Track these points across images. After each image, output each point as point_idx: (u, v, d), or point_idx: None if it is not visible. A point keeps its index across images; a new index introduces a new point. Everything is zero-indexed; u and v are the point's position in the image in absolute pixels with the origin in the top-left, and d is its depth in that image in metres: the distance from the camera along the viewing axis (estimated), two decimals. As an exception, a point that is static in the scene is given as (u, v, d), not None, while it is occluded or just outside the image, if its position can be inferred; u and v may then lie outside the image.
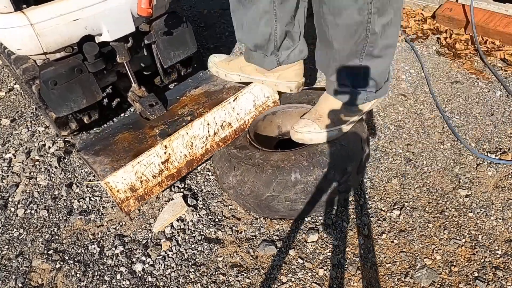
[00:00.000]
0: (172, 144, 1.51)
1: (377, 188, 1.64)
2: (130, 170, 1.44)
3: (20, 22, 1.39)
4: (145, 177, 1.48)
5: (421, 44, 2.39)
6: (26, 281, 1.44)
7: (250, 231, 1.54)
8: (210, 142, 1.61)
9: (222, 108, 1.61)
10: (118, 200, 1.44)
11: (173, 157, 1.53)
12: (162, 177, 1.53)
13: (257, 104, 1.71)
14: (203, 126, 1.58)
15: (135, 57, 1.80)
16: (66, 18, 1.45)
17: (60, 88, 1.57)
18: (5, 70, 2.54)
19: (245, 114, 1.69)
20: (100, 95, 1.69)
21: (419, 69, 2.22)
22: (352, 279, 1.36)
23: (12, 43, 1.45)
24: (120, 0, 1.52)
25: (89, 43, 1.55)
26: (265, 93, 1.71)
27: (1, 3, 1.37)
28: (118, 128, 1.65)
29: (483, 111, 1.92)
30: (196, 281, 1.40)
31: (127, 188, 1.45)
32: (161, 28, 1.76)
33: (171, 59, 1.86)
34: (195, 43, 1.90)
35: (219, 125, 1.62)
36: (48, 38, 1.45)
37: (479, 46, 2.24)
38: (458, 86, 2.08)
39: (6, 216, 1.67)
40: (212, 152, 1.64)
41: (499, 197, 1.55)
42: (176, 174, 1.57)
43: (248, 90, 1.67)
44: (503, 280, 1.31)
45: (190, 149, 1.57)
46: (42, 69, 1.54)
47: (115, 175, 1.41)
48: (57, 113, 1.62)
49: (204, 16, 2.96)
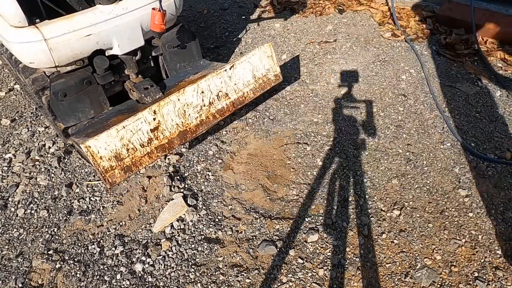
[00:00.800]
0: (162, 110, 1.41)
1: (377, 188, 1.64)
2: (115, 135, 1.32)
3: (34, 37, 1.40)
4: (132, 145, 1.38)
5: (421, 44, 2.39)
6: (26, 281, 1.44)
7: (250, 231, 1.54)
8: (205, 112, 1.53)
9: (217, 75, 1.52)
10: (102, 169, 1.33)
11: (163, 125, 1.44)
12: (151, 147, 1.43)
13: (256, 76, 1.63)
14: (197, 94, 1.49)
15: (141, 67, 1.82)
16: (79, 33, 1.47)
17: (70, 99, 1.58)
18: (5, 70, 2.54)
19: (244, 86, 1.61)
20: (108, 106, 1.71)
21: (419, 69, 2.22)
22: (352, 279, 1.36)
23: (25, 57, 1.46)
24: (131, 16, 1.54)
25: (99, 57, 1.58)
26: (265, 64, 1.64)
27: (16, 18, 1.38)
28: (113, 114, 1.64)
29: (483, 111, 1.92)
30: (196, 281, 1.40)
31: (111, 156, 1.34)
32: (169, 41, 1.79)
33: (177, 70, 1.88)
34: (201, 55, 1.94)
35: (215, 94, 1.54)
36: (60, 53, 1.47)
37: (479, 46, 2.24)
38: (458, 86, 2.08)
39: (6, 216, 1.67)
40: (208, 124, 1.55)
41: (499, 197, 1.55)
42: (168, 145, 1.47)
43: (246, 59, 1.59)
44: (503, 280, 1.31)
45: (183, 118, 1.48)
46: (53, 81, 1.56)
47: (97, 138, 1.29)
48: (65, 123, 1.64)
49: (204, 16, 2.96)
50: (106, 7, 1.49)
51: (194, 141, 1.91)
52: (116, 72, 1.70)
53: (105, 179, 1.35)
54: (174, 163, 1.81)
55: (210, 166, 1.80)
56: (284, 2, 3.00)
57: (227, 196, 1.67)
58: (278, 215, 1.59)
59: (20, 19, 1.38)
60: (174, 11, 1.69)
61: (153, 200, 1.68)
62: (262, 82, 1.66)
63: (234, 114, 1.97)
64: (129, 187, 1.73)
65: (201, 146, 1.89)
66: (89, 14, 1.48)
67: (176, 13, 1.72)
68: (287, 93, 2.15)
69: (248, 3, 3.07)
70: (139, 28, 1.59)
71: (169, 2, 1.64)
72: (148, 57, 1.83)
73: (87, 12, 1.49)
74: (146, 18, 1.55)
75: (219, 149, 1.87)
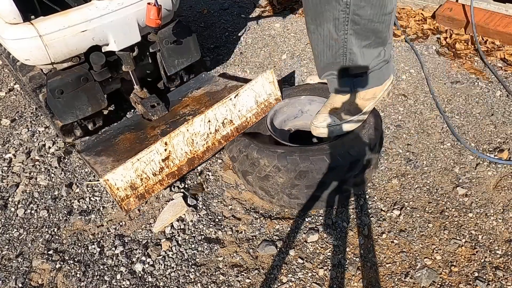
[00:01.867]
0: (172, 141, 1.50)
1: (377, 188, 1.64)
2: (130, 167, 1.42)
3: (29, 34, 1.40)
4: (145, 175, 1.47)
5: (421, 44, 2.39)
6: (26, 281, 1.44)
7: (250, 231, 1.54)
8: (211, 139, 1.60)
9: (223, 104, 1.59)
10: (118, 198, 1.43)
11: (173, 154, 1.52)
12: (162, 175, 1.52)
13: (258, 101, 1.70)
14: (204, 123, 1.56)
15: (139, 64, 1.82)
16: (74, 29, 1.46)
17: (66, 96, 1.58)
18: (5, 70, 2.54)
19: (247, 111, 1.67)
20: (105, 103, 1.70)
21: (419, 69, 2.22)
22: (352, 279, 1.36)
23: (21, 54, 1.45)
24: (127, 11, 1.53)
25: (96, 53, 1.57)
26: (267, 90, 1.70)
27: (10, 14, 1.37)
28: (120, 130, 1.65)
29: (483, 111, 1.92)
30: (196, 281, 1.40)
31: (127, 186, 1.43)
32: (166, 37, 1.78)
33: (175, 67, 1.88)
34: (199, 51, 1.93)
35: (220, 122, 1.60)
36: (56, 49, 1.46)
37: (479, 46, 2.24)
38: (458, 86, 2.08)
39: (6, 216, 1.67)
40: (214, 149, 1.63)
41: (499, 197, 1.55)
42: (177, 172, 1.56)
43: (249, 86, 1.66)
44: (503, 280, 1.31)
45: (191, 146, 1.56)
46: (49, 79, 1.55)
47: (114, 172, 1.39)
48: (63, 121, 1.63)
49: (204, 16, 2.96)
50: (101, 2, 1.48)
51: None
52: (113, 69, 1.69)
53: (121, 207, 1.44)
54: (174, 163, 1.81)
55: (210, 166, 1.80)
56: (284, 2, 3.00)
57: (227, 196, 1.67)
58: (278, 215, 1.59)
59: (14, 15, 1.38)
60: (170, 6, 1.68)
61: (153, 200, 1.68)
62: (264, 106, 1.72)
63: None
64: (129, 187, 1.73)
65: (201, 146, 1.89)
66: (84, 10, 1.47)
67: (172, 9, 1.71)
68: (287, 93, 2.16)
69: (248, 3, 3.07)
70: (135, 24, 1.57)
71: None
72: (146, 53, 1.82)
73: (82, 7, 1.48)
74: (142, 13, 1.54)
75: (219, 149, 1.87)
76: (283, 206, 1.58)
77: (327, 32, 1.39)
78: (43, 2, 1.47)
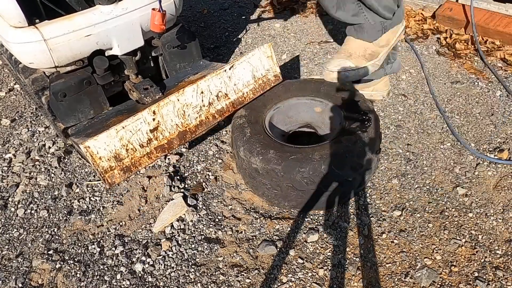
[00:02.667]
0: (161, 110, 1.41)
1: (377, 188, 1.64)
2: (114, 135, 1.32)
3: (34, 38, 1.40)
4: (132, 146, 1.37)
5: (421, 44, 2.39)
6: (26, 281, 1.44)
7: (250, 231, 1.54)
8: (204, 112, 1.53)
9: (216, 75, 1.52)
10: (101, 169, 1.32)
11: (163, 125, 1.43)
12: (151, 147, 1.43)
13: (256, 76, 1.63)
14: (196, 94, 1.48)
15: (141, 68, 1.82)
16: (78, 33, 1.47)
17: (69, 99, 1.58)
18: (5, 70, 2.54)
19: (243, 86, 1.61)
20: (107, 106, 1.71)
21: (419, 69, 2.22)
22: (352, 279, 1.36)
23: (25, 57, 1.46)
24: (131, 16, 1.54)
25: (99, 57, 1.57)
26: (264, 64, 1.64)
27: (15, 18, 1.38)
28: (113, 114, 1.63)
29: (483, 111, 1.92)
30: (196, 281, 1.40)
31: (110, 156, 1.34)
32: (168, 41, 1.78)
33: (177, 71, 1.88)
34: (201, 55, 1.93)
35: (214, 94, 1.54)
36: (60, 53, 1.47)
37: (479, 46, 2.24)
38: (458, 86, 2.08)
39: (6, 216, 1.67)
40: (208, 124, 1.55)
41: (499, 197, 1.55)
42: (167, 145, 1.47)
43: (246, 59, 1.59)
44: (503, 280, 1.31)
45: (182, 118, 1.47)
46: (52, 82, 1.56)
47: (96, 139, 1.29)
48: (65, 124, 1.64)
49: (204, 16, 2.96)
50: (106, 7, 1.49)
51: (194, 141, 1.91)
52: (115, 73, 1.70)
53: (104, 179, 1.35)
54: (174, 163, 1.81)
55: (210, 166, 1.80)
56: (284, 2, 3.00)
57: (227, 196, 1.67)
58: (278, 215, 1.59)
59: (19, 19, 1.38)
60: (174, 11, 1.69)
61: (153, 200, 1.68)
62: (261, 82, 1.66)
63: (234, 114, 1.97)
64: (129, 187, 1.73)
65: (201, 146, 1.89)
66: (88, 15, 1.48)
67: (176, 13, 1.72)
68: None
69: (248, 3, 3.07)
70: (139, 29, 1.59)
71: (169, 2, 1.64)
72: (148, 57, 1.83)
73: (87, 12, 1.49)
74: (146, 18, 1.55)
75: (219, 149, 1.87)
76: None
77: None
78: (48, 6, 1.48)
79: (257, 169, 1.49)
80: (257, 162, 1.48)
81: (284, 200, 1.54)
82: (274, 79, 1.69)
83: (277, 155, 1.45)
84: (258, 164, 1.48)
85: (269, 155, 1.46)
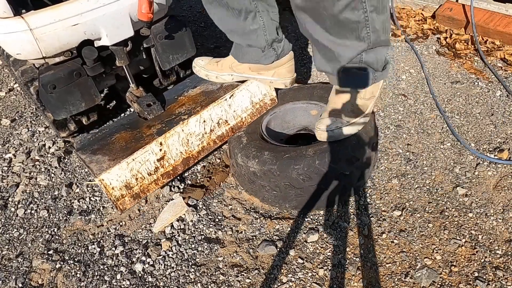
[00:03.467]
0: (167, 141, 1.50)
1: (377, 188, 1.64)
2: (125, 167, 1.42)
3: (19, 27, 1.39)
4: (141, 175, 1.47)
5: (421, 44, 2.39)
6: (26, 281, 1.44)
7: (250, 231, 1.54)
8: (206, 139, 1.61)
9: (218, 105, 1.60)
10: (113, 198, 1.43)
11: (168, 154, 1.52)
12: (157, 175, 1.52)
13: (254, 101, 1.70)
14: (199, 123, 1.57)
15: (134, 60, 1.80)
16: (65, 23, 1.45)
17: (59, 91, 1.57)
18: (5, 70, 2.54)
19: (242, 112, 1.68)
20: (99, 98, 1.70)
21: (419, 69, 2.22)
22: (352, 279, 1.36)
23: (11, 48, 1.45)
24: (119, 5, 1.52)
25: (88, 48, 1.56)
26: (262, 90, 1.71)
27: (1, 9, 1.37)
28: (116, 128, 1.65)
29: (483, 111, 1.92)
30: (196, 281, 1.40)
31: (122, 186, 1.43)
32: (160, 32, 1.77)
33: (170, 62, 1.87)
34: (194, 46, 1.91)
35: (216, 122, 1.61)
36: (47, 43, 1.45)
37: (479, 46, 2.24)
38: (458, 86, 2.08)
39: (6, 216, 1.67)
40: (209, 149, 1.63)
41: (499, 197, 1.55)
42: (172, 171, 1.56)
43: (245, 87, 1.66)
44: (503, 280, 1.31)
45: (186, 146, 1.56)
46: (41, 73, 1.55)
47: (109, 172, 1.39)
48: (56, 116, 1.63)
49: (204, 16, 2.96)
50: None
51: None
52: (106, 64, 1.68)
53: (116, 206, 1.45)
54: (174, 163, 1.81)
55: (210, 166, 1.80)
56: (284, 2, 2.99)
57: (227, 196, 1.67)
58: (278, 215, 1.59)
59: (5, 9, 1.37)
60: (164, 0, 1.67)
61: (153, 200, 1.68)
62: (259, 106, 1.73)
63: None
64: (129, 187, 1.73)
65: (201, 146, 1.89)
66: (75, 4, 1.46)
67: (166, 3, 1.70)
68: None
69: (248, 3, 3.07)
70: (127, 18, 1.56)
71: None
72: (140, 48, 1.81)
73: (74, 1, 1.47)
74: (135, 7, 1.52)
75: (219, 149, 1.87)
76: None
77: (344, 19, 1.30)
78: None
79: (255, 172, 1.51)
80: (254, 165, 1.51)
81: (285, 202, 1.54)
82: (271, 103, 1.77)
83: (272, 155, 1.49)
84: (255, 167, 1.50)
85: (264, 157, 1.49)
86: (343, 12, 1.29)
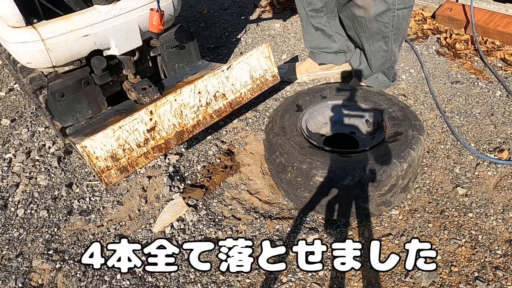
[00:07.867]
0: (158, 110, 1.40)
1: (377, 188, 1.64)
2: (111, 135, 1.31)
3: (31, 38, 1.40)
4: (129, 145, 1.36)
5: (421, 44, 2.39)
6: (26, 281, 1.44)
7: (250, 231, 1.54)
8: (202, 112, 1.52)
9: (214, 76, 1.52)
10: (98, 169, 1.32)
11: (160, 125, 1.43)
12: (148, 147, 1.42)
13: (254, 77, 1.63)
14: (194, 94, 1.49)
15: (140, 67, 1.82)
16: (76, 33, 1.47)
17: (67, 99, 1.58)
18: (5, 70, 2.54)
19: (241, 86, 1.61)
20: (105, 106, 1.71)
21: (419, 69, 2.22)
22: (352, 279, 1.36)
23: (22, 57, 1.46)
24: (129, 16, 1.54)
25: (97, 57, 1.57)
26: (262, 65, 1.64)
27: (13, 18, 1.38)
28: (111, 114, 1.63)
29: (483, 111, 1.92)
30: (196, 281, 1.40)
31: (107, 156, 1.33)
32: (167, 41, 1.78)
33: (175, 71, 1.88)
34: (199, 55, 1.93)
35: (212, 95, 1.53)
36: (58, 53, 1.47)
37: (479, 46, 2.24)
38: (458, 86, 2.08)
39: (6, 216, 1.67)
40: (205, 124, 1.54)
41: (499, 197, 1.55)
42: (164, 145, 1.46)
43: (243, 59, 1.58)
44: (503, 280, 1.31)
45: (180, 118, 1.47)
46: (50, 81, 1.55)
47: (93, 139, 1.28)
48: (63, 123, 1.64)
49: (204, 16, 2.96)
50: (104, 7, 1.49)
51: (194, 141, 1.91)
52: (114, 72, 1.70)
53: (101, 179, 1.35)
54: (174, 163, 1.81)
55: (210, 166, 1.80)
56: (284, 2, 3.00)
57: (227, 196, 1.67)
58: (278, 215, 1.59)
59: (17, 19, 1.38)
60: (172, 11, 1.69)
61: (153, 200, 1.68)
62: (259, 82, 1.66)
63: (233, 114, 1.97)
64: (129, 187, 1.73)
65: (201, 146, 1.89)
66: (86, 14, 1.48)
67: (174, 14, 1.72)
68: (287, 92, 2.16)
69: (248, 3, 3.08)
70: (137, 29, 1.59)
71: (167, 2, 1.64)
72: (147, 57, 1.83)
73: (85, 12, 1.49)
74: (144, 18, 1.55)
75: (219, 149, 1.87)
76: None
77: (378, 48, 1.83)
78: (46, 6, 1.48)
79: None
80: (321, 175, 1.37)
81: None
82: (272, 80, 1.69)
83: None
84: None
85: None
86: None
